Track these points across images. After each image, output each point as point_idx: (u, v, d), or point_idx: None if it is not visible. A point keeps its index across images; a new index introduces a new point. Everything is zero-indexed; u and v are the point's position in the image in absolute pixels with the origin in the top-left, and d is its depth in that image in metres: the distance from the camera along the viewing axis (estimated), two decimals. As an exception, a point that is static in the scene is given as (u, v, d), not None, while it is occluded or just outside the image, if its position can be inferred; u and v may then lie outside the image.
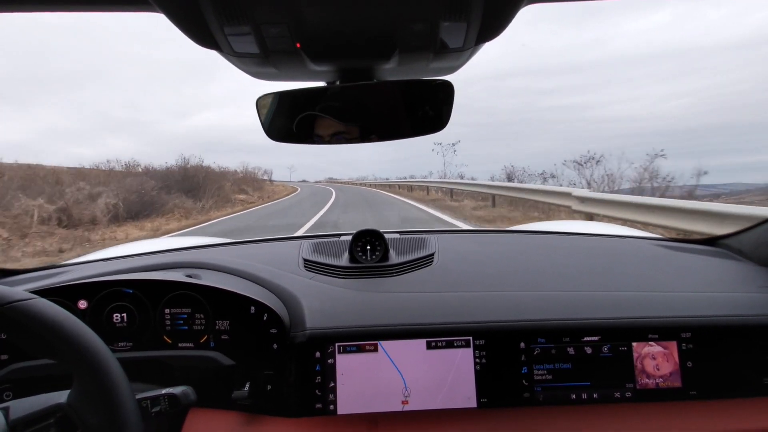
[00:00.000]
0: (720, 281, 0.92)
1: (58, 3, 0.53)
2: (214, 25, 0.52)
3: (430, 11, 0.52)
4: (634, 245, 1.11)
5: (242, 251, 1.16)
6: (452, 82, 0.70)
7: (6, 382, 0.77)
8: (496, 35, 0.57)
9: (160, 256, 1.05)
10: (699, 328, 0.79)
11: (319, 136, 0.75)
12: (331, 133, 0.75)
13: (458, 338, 0.79)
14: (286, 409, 0.78)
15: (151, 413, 0.60)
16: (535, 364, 0.78)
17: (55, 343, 0.52)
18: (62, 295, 0.80)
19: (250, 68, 0.68)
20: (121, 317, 0.81)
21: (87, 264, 1.08)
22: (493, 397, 0.77)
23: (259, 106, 0.74)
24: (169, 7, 0.50)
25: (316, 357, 0.78)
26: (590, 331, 0.79)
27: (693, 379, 0.77)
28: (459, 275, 0.95)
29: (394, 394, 0.77)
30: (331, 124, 0.74)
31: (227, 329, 0.81)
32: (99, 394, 0.52)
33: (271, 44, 0.57)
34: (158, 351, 0.80)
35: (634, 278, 0.93)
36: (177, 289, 0.82)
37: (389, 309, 0.84)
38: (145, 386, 0.71)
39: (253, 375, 0.79)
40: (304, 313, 0.83)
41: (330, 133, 0.75)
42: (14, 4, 0.53)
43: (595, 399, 0.77)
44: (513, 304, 0.84)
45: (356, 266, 0.98)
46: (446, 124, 0.73)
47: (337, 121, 0.73)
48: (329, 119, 0.73)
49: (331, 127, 0.74)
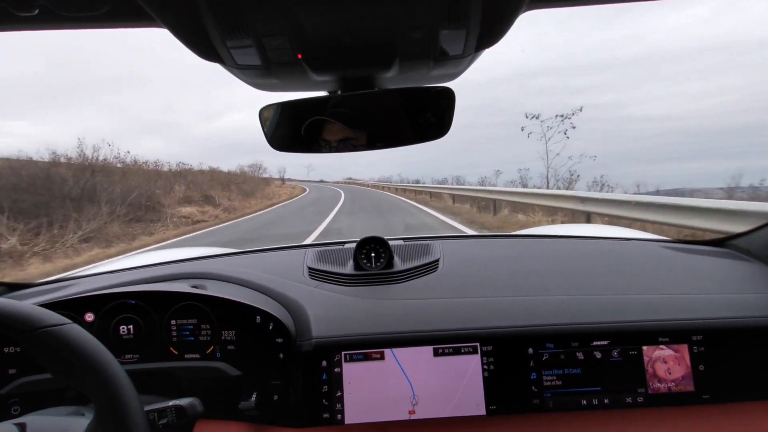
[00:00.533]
0: (729, 282, 0.91)
1: (66, 21, 0.54)
2: (216, 38, 0.53)
3: (429, 19, 0.52)
4: (642, 247, 1.10)
5: (247, 261, 1.17)
6: (453, 89, 0.71)
7: (14, 396, 0.77)
8: (496, 41, 0.57)
9: (166, 268, 1.06)
10: (710, 331, 0.77)
11: (327, 142, 0.75)
12: (339, 138, 0.75)
13: (465, 344, 0.78)
14: (293, 419, 0.77)
15: (159, 425, 0.60)
16: (544, 369, 0.77)
17: (80, 370, 0.52)
18: (70, 308, 0.80)
19: (253, 80, 0.69)
20: (128, 329, 0.81)
21: (94, 277, 1.09)
22: (502, 404, 0.76)
23: (262, 117, 0.75)
24: (172, 22, 0.51)
25: (323, 366, 0.78)
26: (599, 335, 0.78)
27: (705, 383, 0.76)
28: (465, 280, 0.95)
29: (401, 403, 0.76)
30: (340, 129, 0.74)
31: (233, 339, 0.81)
32: (115, 427, 0.51)
33: (273, 56, 0.58)
34: (165, 362, 0.80)
35: (642, 281, 0.92)
36: (183, 300, 0.82)
37: (395, 316, 0.83)
38: (152, 398, 0.71)
39: (259, 385, 0.78)
40: (309, 321, 0.83)
41: (338, 139, 0.75)
42: (25, 24, 0.54)
43: (606, 404, 0.76)
44: (520, 309, 0.83)
45: (361, 274, 0.98)
46: (448, 130, 0.73)
47: (346, 126, 0.73)
48: (338, 125, 0.73)
49: (340, 133, 0.74)
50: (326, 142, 0.75)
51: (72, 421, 0.56)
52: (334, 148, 0.75)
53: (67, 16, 0.52)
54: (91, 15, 0.53)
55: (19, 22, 0.53)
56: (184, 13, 0.49)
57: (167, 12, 0.49)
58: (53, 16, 0.52)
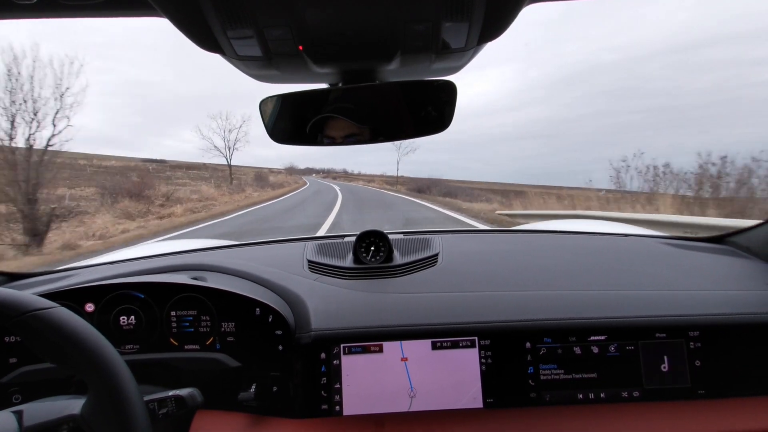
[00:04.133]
0: (728, 279, 0.91)
1: (66, 9, 0.53)
2: (217, 29, 0.53)
3: (431, 12, 0.52)
4: (641, 243, 1.10)
5: (247, 253, 1.17)
6: (455, 82, 0.70)
7: (14, 385, 0.78)
8: (499, 35, 0.57)
9: (166, 259, 1.06)
10: (707, 327, 0.78)
11: (331, 138, 0.75)
12: (344, 134, 0.74)
13: (463, 338, 0.78)
14: (292, 410, 0.78)
15: (159, 415, 0.60)
16: (542, 363, 0.78)
17: (72, 353, 0.53)
18: (70, 298, 0.80)
19: (253, 71, 0.68)
20: (128, 320, 0.81)
21: (93, 267, 1.09)
22: (499, 398, 0.77)
23: (262, 109, 0.75)
24: (173, 12, 0.50)
25: (322, 358, 0.79)
26: (597, 330, 0.78)
27: (701, 378, 0.77)
28: (463, 275, 0.95)
29: (399, 395, 0.77)
30: (345, 125, 0.73)
31: (233, 331, 0.82)
32: (111, 408, 0.52)
33: (274, 47, 0.58)
34: (165, 353, 0.81)
35: (640, 277, 0.92)
36: (183, 291, 0.82)
37: (394, 310, 0.84)
38: (152, 388, 0.72)
39: (259, 376, 0.79)
40: (308, 314, 0.83)
41: (343, 135, 0.74)
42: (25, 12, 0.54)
43: (603, 399, 0.77)
44: (518, 303, 0.84)
45: (360, 267, 0.98)
46: (449, 124, 0.73)
47: (352, 122, 0.73)
48: (343, 120, 0.73)
49: (345, 129, 0.74)
50: (330, 139, 0.75)
51: (69, 402, 0.56)
52: (336, 142, 0.75)
53: (67, 4, 0.52)
54: (91, 3, 0.52)
55: (19, 11, 0.53)
56: (185, 2, 0.49)
57: (168, 1, 0.49)
58: (53, 5, 0.52)
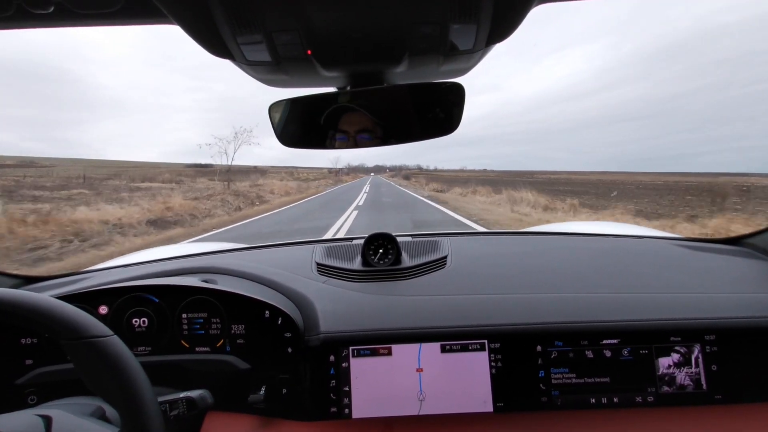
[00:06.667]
0: (744, 281, 0.89)
1: (81, 18, 0.55)
2: (227, 34, 0.53)
3: (439, 14, 0.52)
4: (654, 245, 1.09)
5: (256, 256, 1.18)
6: (463, 84, 0.70)
7: (31, 386, 0.79)
8: (507, 36, 0.57)
9: (177, 262, 1.07)
10: (724, 330, 0.76)
11: (344, 132, 0.74)
12: (358, 128, 0.73)
13: (473, 341, 0.78)
14: (301, 412, 0.78)
15: (170, 416, 0.61)
16: (553, 367, 0.77)
17: (113, 388, 0.53)
18: (84, 300, 0.82)
19: (262, 76, 0.69)
20: (141, 322, 0.82)
21: (107, 270, 1.11)
22: (509, 402, 0.76)
23: (271, 113, 0.75)
24: (184, 18, 0.51)
25: (330, 361, 0.79)
26: (609, 333, 0.77)
27: (718, 383, 0.75)
28: (473, 277, 0.94)
29: (408, 398, 0.76)
30: (360, 119, 0.72)
31: (243, 333, 0.82)
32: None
33: (283, 52, 0.58)
34: (176, 355, 0.82)
35: (654, 279, 0.91)
36: (193, 294, 0.83)
37: (403, 312, 0.83)
38: (163, 390, 0.72)
39: (268, 379, 0.79)
40: (317, 316, 0.83)
41: (357, 129, 0.73)
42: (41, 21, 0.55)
43: (616, 403, 0.75)
44: (528, 306, 0.83)
45: (369, 270, 0.98)
46: (457, 126, 0.73)
47: (368, 114, 0.71)
48: (358, 114, 0.72)
49: (360, 123, 0.73)
50: (344, 134, 0.74)
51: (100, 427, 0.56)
52: (346, 144, 0.75)
53: (82, 13, 0.53)
54: (105, 12, 0.54)
55: (35, 20, 0.54)
56: (196, 9, 0.49)
57: (179, 9, 0.50)
58: (68, 14, 0.53)
